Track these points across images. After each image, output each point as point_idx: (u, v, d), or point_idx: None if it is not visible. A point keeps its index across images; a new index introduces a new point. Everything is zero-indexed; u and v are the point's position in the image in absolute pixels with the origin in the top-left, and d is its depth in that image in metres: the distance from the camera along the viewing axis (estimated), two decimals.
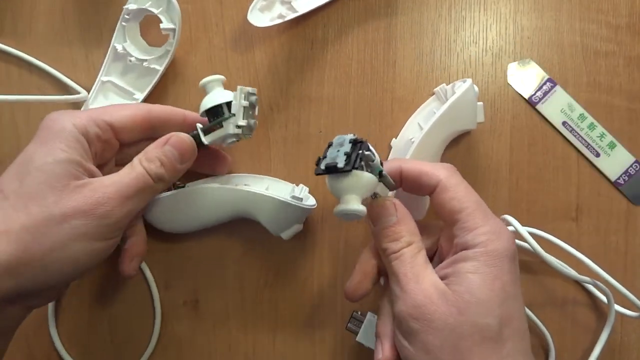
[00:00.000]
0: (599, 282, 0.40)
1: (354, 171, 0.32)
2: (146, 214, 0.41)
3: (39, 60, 0.45)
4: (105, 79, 0.44)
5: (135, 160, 0.36)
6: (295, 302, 0.44)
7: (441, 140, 0.41)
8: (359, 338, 0.41)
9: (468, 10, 0.45)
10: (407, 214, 0.35)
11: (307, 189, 0.42)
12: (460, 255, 0.33)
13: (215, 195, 0.41)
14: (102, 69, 0.44)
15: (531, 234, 0.40)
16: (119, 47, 0.43)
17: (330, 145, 0.34)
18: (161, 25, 0.41)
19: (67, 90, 0.45)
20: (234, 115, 0.37)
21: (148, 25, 0.44)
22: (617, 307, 0.42)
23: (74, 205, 0.32)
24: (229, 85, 0.45)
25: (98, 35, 0.45)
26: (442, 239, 0.36)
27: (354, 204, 0.32)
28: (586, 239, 0.44)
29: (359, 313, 0.42)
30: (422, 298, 0.32)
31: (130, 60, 0.43)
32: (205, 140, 0.38)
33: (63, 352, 0.44)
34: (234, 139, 0.38)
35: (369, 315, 0.41)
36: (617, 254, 0.44)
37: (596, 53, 0.44)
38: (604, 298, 0.43)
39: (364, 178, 0.32)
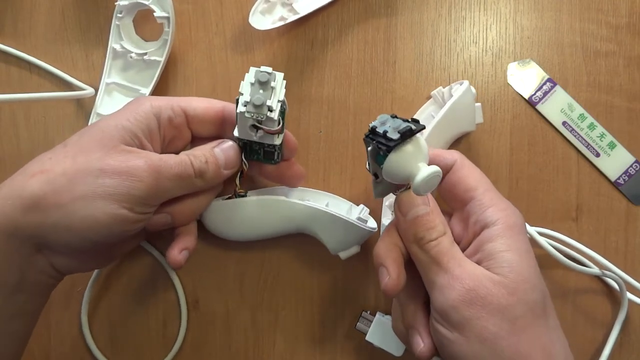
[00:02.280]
0: (608, 272, 0.41)
1: (416, 135, 0.31)
2: (203, 217, 0.41)
3: (39, 60, 0.45)
4: (109, 80, 0.44)
5: (182, 152, 0.37)
6: (295, 301, 0.44)
7: (442, 144, 0.41)
8: (368, 337, 0.41)
9: (468, 10, 0.45)
10: (437, 206, 0.34)
11: (368, 210, 0.41)
12: (484, 236, 0.33)
13: (278, 208, 0.40)
14: (104, 71, 0.44)
15: (539, 232, 0.41)
16: (117, 47, 0.43)
17: (372, 132, 0.32)
18: (155, 14, 0.41)
19: (70, 88, 0.45)
20: (241, 94, 0.35)
21: (142, 21, 0.44)
22: (630, 295, 0.42)
23: (114, 165, 0.33)
24: (229, 86, 0.45)
25: (98, 34, 0.45)
26: (452, 225, 0.36)
27: (431, 166, 0.30)
28: (586, 238, 0.44)
29: (368, 312, 0.42)
30: (472, 282, 0.31)
31: (131, 57, 0.43)
32: (235, 132, 0.37)
33: (94, 348, 0.44)
34: (251, 122, 0.35)
35: (378, 315, 0.41)
36: (617, 254, 0.44)
37: (596, 53, 0.44)
38: (615, 286, 0.43)
39: (422, 141, 0.31)
